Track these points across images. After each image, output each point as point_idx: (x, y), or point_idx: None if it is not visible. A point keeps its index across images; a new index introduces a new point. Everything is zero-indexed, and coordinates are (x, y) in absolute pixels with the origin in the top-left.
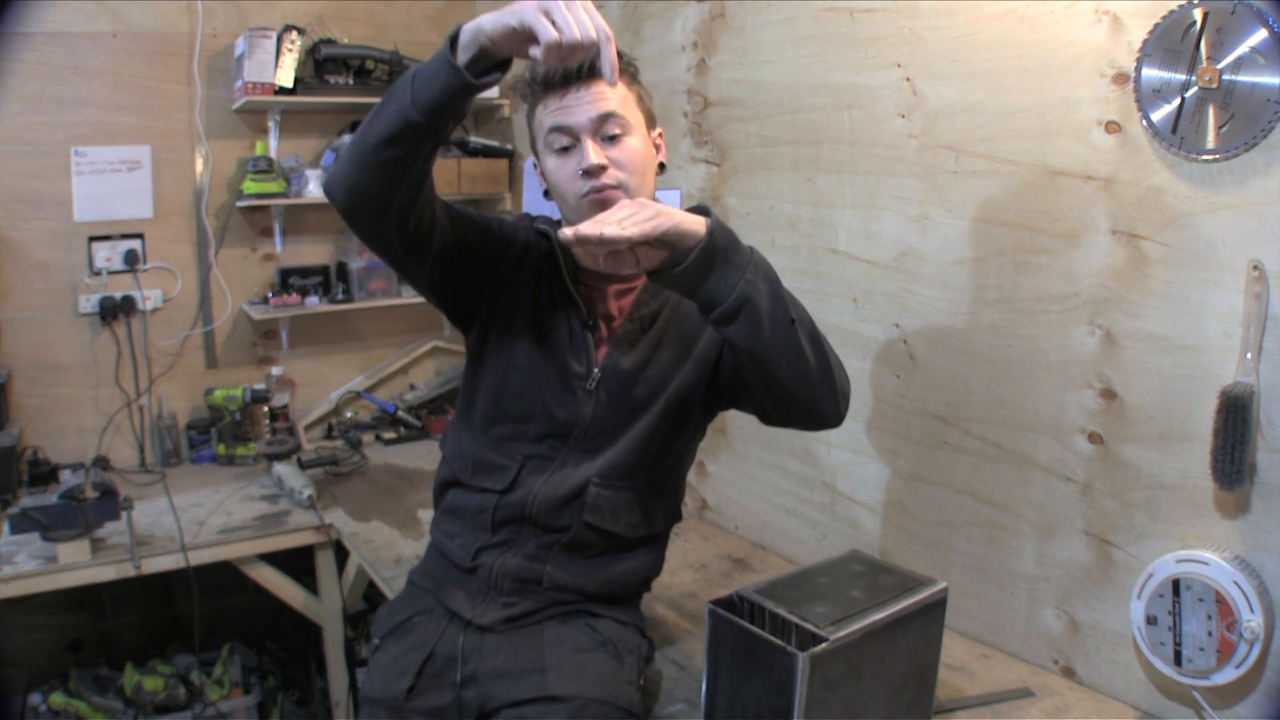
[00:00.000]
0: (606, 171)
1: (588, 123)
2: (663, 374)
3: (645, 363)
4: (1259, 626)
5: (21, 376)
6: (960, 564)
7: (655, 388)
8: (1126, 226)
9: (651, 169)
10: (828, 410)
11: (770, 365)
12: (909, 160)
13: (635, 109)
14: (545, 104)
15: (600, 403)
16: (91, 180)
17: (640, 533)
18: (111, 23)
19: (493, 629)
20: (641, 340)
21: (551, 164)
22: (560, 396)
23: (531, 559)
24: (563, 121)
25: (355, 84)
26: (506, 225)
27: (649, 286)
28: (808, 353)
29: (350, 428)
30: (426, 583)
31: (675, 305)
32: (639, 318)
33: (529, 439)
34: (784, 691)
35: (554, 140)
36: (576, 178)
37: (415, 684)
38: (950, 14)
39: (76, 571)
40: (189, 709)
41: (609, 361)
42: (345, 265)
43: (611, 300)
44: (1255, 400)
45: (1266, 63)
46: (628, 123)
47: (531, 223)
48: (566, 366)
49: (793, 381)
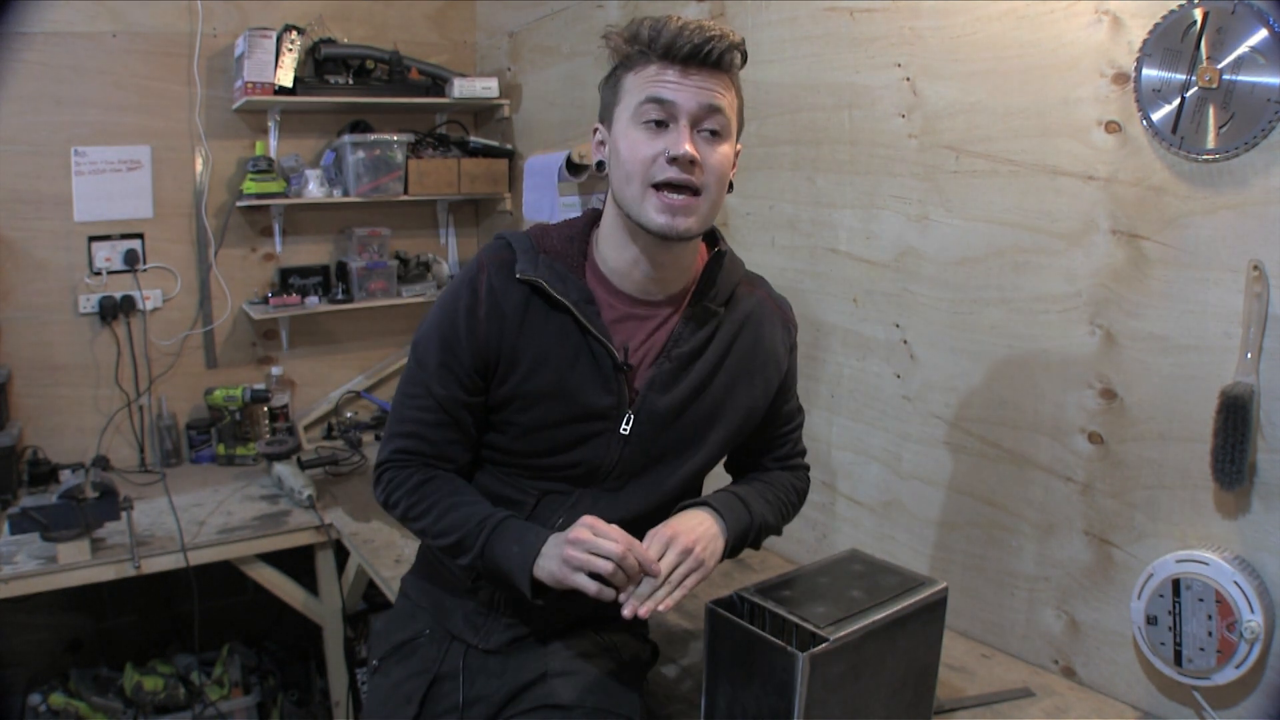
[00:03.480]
0: (695, 169)
1: (696, 108)
2: (702, 420)
3: (683, 406)
4: (1259, 626)
5: (21, 376)
6: (960, 564)
7: (689, 432)
8: (1127, 226)
9: (726, 184)
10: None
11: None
12: (909, 160)
13: (735, 116)
14: (647, 70)
15: (631, 445)
16: (91, 180)
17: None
18: (111, 23)
19: (497, 651)
20: (680, 382)
21: (632, 136)
22: (588, 442)
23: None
24: (668, 96)
25: (355, 84)
26: (466, 347)
27: (687, 321)
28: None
29: (350, 428)
30: (424, 601)
31: (726, 343)
32: (677, 356)
33: (548, 478)
34: (784, 692)
35: (647, 111)
36: (658, 160)
37: (420, 712)
38: (950, 14)
39: (76, 571)
40: (189, 709)
41: (644, 405)
42: (345, 265)
43: (640, 332)
44: (1255, 400)
45: (1267, 62)
46: (729, 127)
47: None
48: (596, 412)
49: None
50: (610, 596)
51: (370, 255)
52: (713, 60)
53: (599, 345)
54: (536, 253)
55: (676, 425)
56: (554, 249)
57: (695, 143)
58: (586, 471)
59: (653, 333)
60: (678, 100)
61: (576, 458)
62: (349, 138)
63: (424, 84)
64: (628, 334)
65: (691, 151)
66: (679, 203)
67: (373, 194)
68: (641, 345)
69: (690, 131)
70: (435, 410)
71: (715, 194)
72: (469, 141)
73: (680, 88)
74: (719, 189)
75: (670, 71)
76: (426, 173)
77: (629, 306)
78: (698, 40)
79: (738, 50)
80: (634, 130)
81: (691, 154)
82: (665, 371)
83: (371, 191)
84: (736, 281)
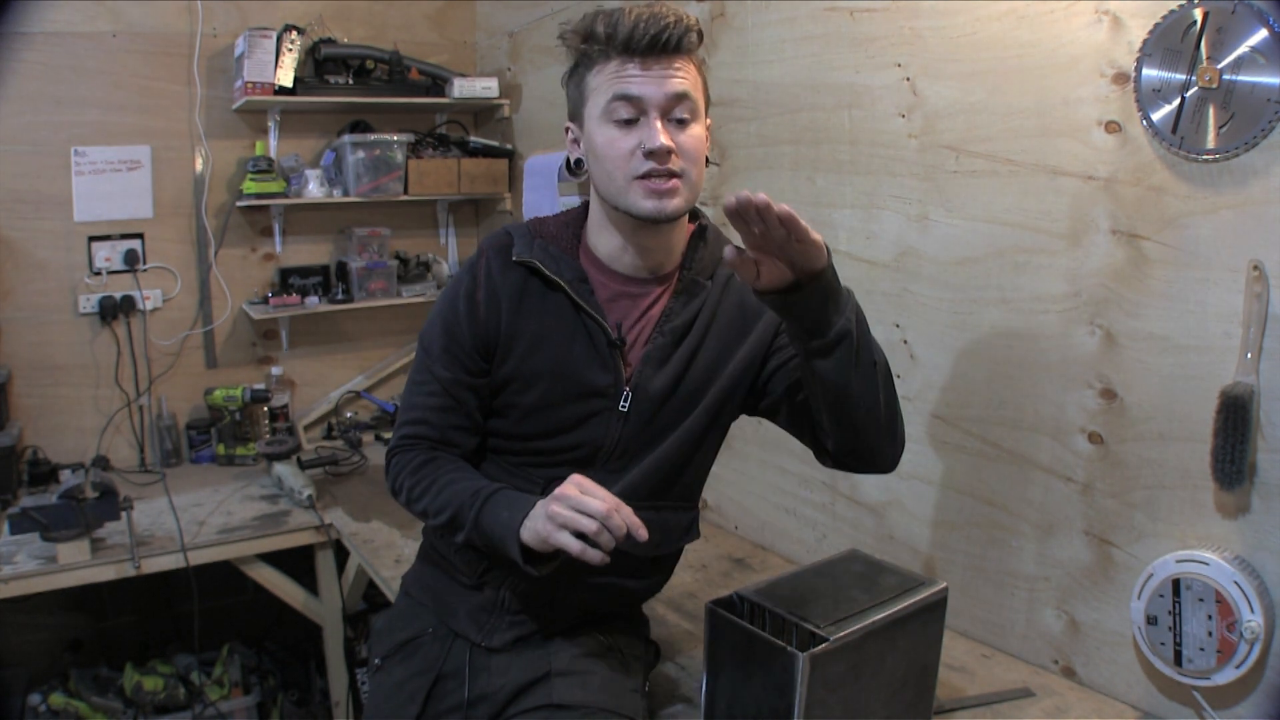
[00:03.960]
0: (673, 157)
1: (664, 98)
2: (697, 388)
3: (678, 380)
4: (1259, 626)
5: (21, 376)
6: (960, 564)
7: (686, 405)
8: (1127, 226)
9: (704, 160)
10: (887, 456)
11: (849, 404)
12: (909, 160)
13: (701, 95)
14: (613, 67)
15: (629, 423)
16: (91, 180)
17: (659, 551)
18: (111, 23)
19: (501, 650)
20: (674, 356)
21: (605, 135)
22: (587, 421)
23: (542, 582)
24: (633, 91)
25: (355, 84)
26: (466, 329)
27: (678, 296)
28: (881, 398)
29: (350, 428)
30: (426, 599)
31: (710, 313)
32: (670, 330)
33: (551, 464)
34: (784, 691)
35: (616, 109)
36: (634, 156)
37: (424, 710)
38: (950, 14)
39: (76, 571)
40: (189, 709)
41: (639, 381)
42: (345, 265)
43: (634, 311)
44: (1255, 400)
45: (1267, 62)
46: (697, 108)
47: (492, 253)
48: (594, 390)
49: (867, 421)
50: (595, 558)
51: (370, 255)
52: (672, 46)
53: (593, 322)
54: (532, 238)
55: (673, 399)
56: (550, 234)
57: (668, 131)
58: (589, 453)
59: (646, 310)
60: (645, 94)
61: (578, 439)
62: (349, 138)
63: (424, 84)
64: (621, 312)
65: (667, 143)
66: (664, 186)
67: (373, 194)
68: (636, 323)
69: (662, 122)
70: (440, 394)
71: (695, 175)
72: (469, 141)
73: (645, 81)
74: (698, 170)
75: (632, 65)
76: (426, 173)
77: (621, 285)
78: (654, 30)
79: (694, 31)
80: (607, 128)
81: (668, 145)
82: (659, 347)
83: (371, 191)
84: (720, 254)
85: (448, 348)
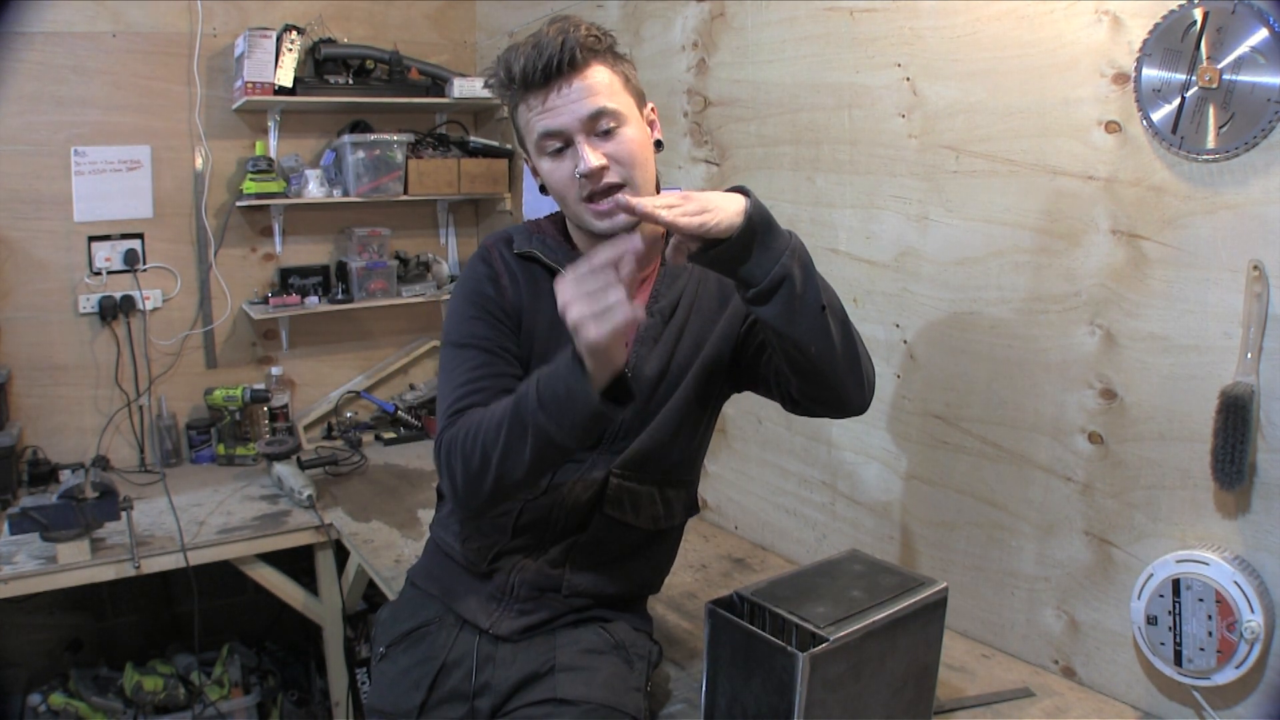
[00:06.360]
0: (606, 171)
1: (578, 123)
2: (685, 363)
3: (670, 356)
4: (1259, 626)
5: (21, 376)
6: (960, 564)
7: (678, 378)
8: (1126, 226)
9: (650, 154)
10: (853, 397)
11: (801, 347)
12: (909, 160)
13: (624, 93)
14: (529, 104)
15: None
16: (91, 180)
17: (661, 525)
18: (111, 23)
19: (508, 639)
20: (664, 334)
21: (545, 167)
22: None
23: (552, 564)
24: (552, 125)
25: (355, 84)
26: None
27: (664, 276)
28: (835, 338)
29: (350, 428)
30: (433, 588)
31: (694, 291)
32: (658, 310)
33: None
34: (784, 691)
35: (545, 145)
36: (574, 181)
37: (428, 698)
38: (950, 14)
39: (76, 571)
40: (189, 709)
41: (635, 361)
42: (345, 265)
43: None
44: (1255, 400)
45: (1267, 62)
46: (620, 114)
47: (498, 245)
48: None
49: (822, 365)
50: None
51: (370, 255)
52: (567, 67)
53: None
54: (529, 233)
55: (666, 377)
56: (545, 229)
57: (598, 146)
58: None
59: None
60: (560, 125)
61: None
62: (349, 138)
63: (424, 84)
64: None
65: (596, 164)
66: (605, 208)
67: (373, 194)
68: None
69: (588, 142)
70: (482, 353)
71: (640, 176)
72: (469, 141)
73: (557, 112)
74: (641, 169)
75: (539, 100)
76: (426, 173)
77: None
78: (542, 63)
79: (588, 39)
80: (544, 161)
81: (596, 166)
82: (650, 327)
83: (371, 191)
84: None
85: (479, 316)
